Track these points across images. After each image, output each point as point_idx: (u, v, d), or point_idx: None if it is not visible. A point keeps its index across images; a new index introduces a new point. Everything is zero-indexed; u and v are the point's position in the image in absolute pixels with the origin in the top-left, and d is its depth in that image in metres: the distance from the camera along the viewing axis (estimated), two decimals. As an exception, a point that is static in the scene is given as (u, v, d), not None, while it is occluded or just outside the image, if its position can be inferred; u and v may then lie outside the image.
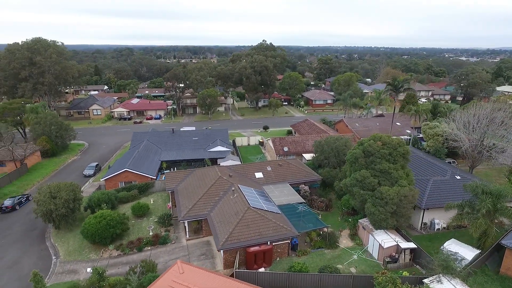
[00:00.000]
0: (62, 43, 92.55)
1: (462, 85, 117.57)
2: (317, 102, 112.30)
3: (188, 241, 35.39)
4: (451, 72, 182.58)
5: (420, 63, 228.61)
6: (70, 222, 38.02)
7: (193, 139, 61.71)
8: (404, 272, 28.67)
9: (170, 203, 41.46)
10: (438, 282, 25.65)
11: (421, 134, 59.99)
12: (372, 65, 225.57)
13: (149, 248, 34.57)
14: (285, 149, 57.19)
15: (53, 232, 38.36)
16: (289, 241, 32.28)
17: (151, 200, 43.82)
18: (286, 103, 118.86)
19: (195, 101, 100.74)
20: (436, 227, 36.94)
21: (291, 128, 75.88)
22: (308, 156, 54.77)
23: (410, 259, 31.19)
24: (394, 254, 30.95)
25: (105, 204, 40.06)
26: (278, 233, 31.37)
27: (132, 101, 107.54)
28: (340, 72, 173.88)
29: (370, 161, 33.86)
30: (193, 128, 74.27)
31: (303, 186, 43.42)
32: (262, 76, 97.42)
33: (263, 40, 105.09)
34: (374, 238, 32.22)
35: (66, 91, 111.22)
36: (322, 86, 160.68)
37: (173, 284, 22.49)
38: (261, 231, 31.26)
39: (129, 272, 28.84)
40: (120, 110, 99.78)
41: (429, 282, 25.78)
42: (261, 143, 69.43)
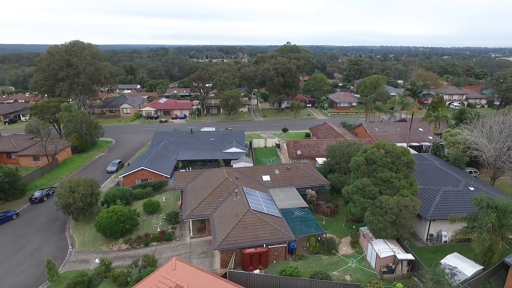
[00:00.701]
0: (96, 46, 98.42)
1: (500, 89, 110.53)
2: (342, 105, 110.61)
3: (192, 239, 36.98)
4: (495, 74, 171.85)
5: (459, 64, 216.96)
6: (88, 215, 40.99)
7: (210, 140, 63.59)
8: (398, 284, 28.29)
9: (180, 202, 43.35)
10: (430, 296, 25.16)
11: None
12: (406, 66, 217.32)
13: (155, 244, 36.56)
14: (298, 153, 57.41)
15: (72, 224, 41.57)
16: (286, 245, 32.85)
17: (163, 198, 46.03)
18: (310, 105, 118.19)
19: (219, 102, 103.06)
20: (443, 240, 35.82)
21: (309, 131, 75.71)
22: (321, 160, 54.67)
23: (408, 271, 30.61)
24: (391, 265, 30.55)
25: (120, 200, 42.69)
26: (275, 237, 32.06)
27: (160, 101, 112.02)
28: (370, 74, 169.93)
29: (372, 169, 33.54)
30: (213, 129, 76.27)
31: (310, 191, 43.61)
32: (285, 78, 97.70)
33: (287, 42, 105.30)
34: (372, 247, 31.97)
35: (101, 90, 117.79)
36: (351, 88, 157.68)
37: (163, 280, 23.99)
38: (258, 234, 32.10)
39: (131, 265, 30.93)
40: (148, 109, 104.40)
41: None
42: (278, 146, 69.97)
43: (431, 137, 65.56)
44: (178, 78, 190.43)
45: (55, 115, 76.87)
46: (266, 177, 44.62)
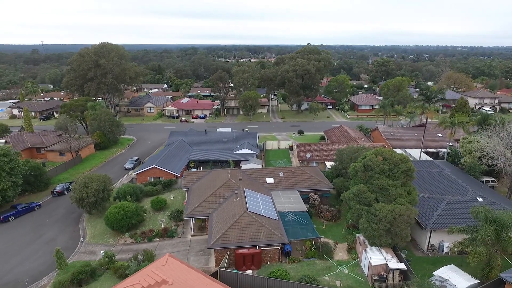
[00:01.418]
0: (123, 47, 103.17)
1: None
2: (363, 107, 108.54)
3: (192, 237, 38.49)
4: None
5: (497, 65, 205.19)
6: (100, 210, 43.66)
7: (223, 140, 65.08)
8: (387, 293, 28.11)
9: (186, 200, 45.05)
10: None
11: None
12: (438, 67, 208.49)
13: (158, 240, 38.41)
14: (308, 156, 57.50)
15: (86, 217, 44.45)
16: (280, 247, 33.44)
17: (172, 196, 47.99)
18: (331, 107, 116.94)
19: (237, 103, 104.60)
20: (445, 251, 34.92)
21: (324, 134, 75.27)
22: (330, 164, 54.48)
23: (400, 280, 30.24)
24: (383, 273, 30.32)
25: (130, 196, 45.12)
26: (268, 239, 32.78)
27: (182, 100, 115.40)
28: (397, 75, 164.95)
29: (370, 176, 33.35)
30: (229, 129, 77.73)
31: (313, 195, 43.82)
32: (304, 80, 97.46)
33: (308, 43, 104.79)
34: (366, 254, 31.85)
35: (127, 89, 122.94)
36: (376, 90, 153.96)
37: (151, 274, 25.48)
38: (252, 235, 32.95)
39: (131, 259, 32.87)
40: (170, 109, 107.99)
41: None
42: (291, 148, 70.24)
43: (451, 144, 63.20)
44: (204, 78, 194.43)
45: (82, 113, 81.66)
46: (270, 180, 45.31)
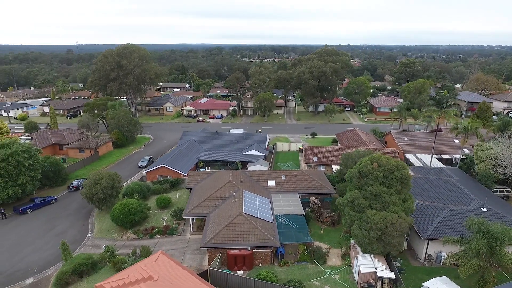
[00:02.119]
0: (145, 48, 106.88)
1: None
2: (381, 110, 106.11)
3: (191, 236, 39.74)
4: None
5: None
6: (109, 206, 45.84)
7: (233, 142, 66.15)
8: (373, 301, 27.93)
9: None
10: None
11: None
12: (469, 69, 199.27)
13: (159, 237, 39.97)
14: (315, 159, 57.36)
15: (96, 212, 46.91)
16: (272, 250, 33.92)
17: (177, 195, 49.60)
18: (349, 109, 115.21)
19: (252, 103, 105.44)
20: (443, 261, 34.00)
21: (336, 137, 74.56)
22: (336, 169, 54.09)
23: (390, 289, 29.90)
24: (371, 281, 30.09)
25: (137, 194, 47.14)
26: (260, 241, 33.37)
27: (201, 100, 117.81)
28: (423, 77, 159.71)
29: (364, 183, 33.10)
30: (242, 131, 78.70)
31: (314, 199, 43.84)
32: (320, 82, 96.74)
33: (326, 45, 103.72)
34: (357, 261, 31.72)
35: (149, 89, 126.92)
36: (400, 92, 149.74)
37: (139, 270, 26.82)
38: (245, 237, 33.67)
39: (129, 254, 34.54)
40: (188, 109, 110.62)
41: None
42: (301, 150, 70.14)
43: (467, 150, 60.81)
44: (225, 78, 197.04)
45: (104, 112, 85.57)
46: (272, 182, 45.78)
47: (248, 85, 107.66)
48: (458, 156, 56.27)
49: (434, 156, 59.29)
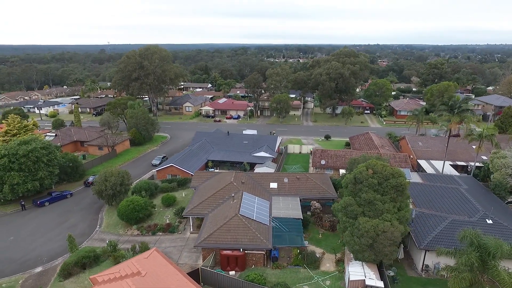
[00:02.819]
0: (166, 50, 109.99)
1: None
2: (402, 113, 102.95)
3: (191, 234, 40.85)
4: None
5: None
6: (118, 202, 47.92)
7: (243, 143, 66.90)
8: (359, 309, 27.67)
9: (194, 199, 47.66)
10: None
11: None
12: (505, 70, 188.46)
13: (160, 234, 41.41)
14: (323, 162, 56.97)
15: (106, 208, 49.24)
16: (265, 252, 34.31)
17: (183, 194, 51.03)
18: (368, 111, 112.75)
19: (268, 104, 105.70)
20: (441, 273, 32.97)
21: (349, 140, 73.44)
22: (342, 173, 53.49)
23: (378, 298, 29.42)
24: (360, 289, 29.76)
25: (145, 192, 49.00)
26: (253, 243, 33.85)
27: (219, 101, 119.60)
28: (452, 79, 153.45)
29: (358, 189, 32.74)
30: (255, 132, 79.23)
31: (315, 203, 43.66)
32: (338, 83, 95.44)
33: (345, 46, 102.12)
34: (347, 268, 31.48)
35: (171, 88, 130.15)
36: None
37: (130, 265, 28.18)
38: (238, 238, 34.28)
39: (129, 250, 36.17)
40: (207, 109, 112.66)
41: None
42: (312, 153, 69.72)
43: (485, 157, 58.04)
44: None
45: (124, 111, 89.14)
46: (274, 185, 46.04)
47: (265, 86, 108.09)
48: (473, 164, 53.83)
49: (449, 163, 57.15)
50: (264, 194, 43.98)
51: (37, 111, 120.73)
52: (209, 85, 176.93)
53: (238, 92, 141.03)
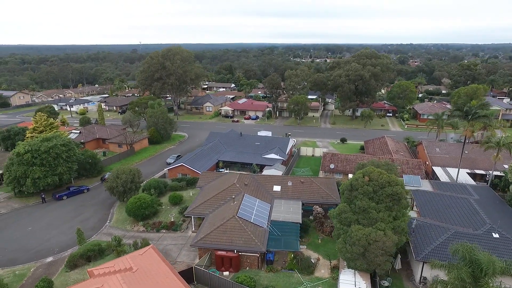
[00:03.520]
0: (188, 51, 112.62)
1: None
2: (426, 117, 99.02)
3: (192, 233, 41.89)
4: None
5: None
6: (128, 198, 50.12)
7: (255, 144, 67.38)
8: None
9: (200, 199, 48.81)
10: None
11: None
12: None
13: (164, 231, 42.87)
14: (332, 166, 56.29)
15: (118, 204, 51.54)
16: (259, 255, 34.66)
17: (191, 193, 52.35)
18: (391, 114, 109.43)
19: (286, 106, 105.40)
20: (434, 286, 31.77)
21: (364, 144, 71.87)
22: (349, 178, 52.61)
23: (368, 308, 28.96)
24: (350, 298, 29.40)
25: (154, 190, 50.82)
26: (247, 245, 34.32)
27: (239, 101, 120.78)
28: (487, 81, 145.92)
29: (354, 196, 32.31)
30: (270, 133, 79.37)
31: (317, 207, 43.40)
32: (357, 85, 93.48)
33: (366, 48, 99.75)
34: (339, 276, 31.20)
35: (194, 88, 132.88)
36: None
37: (124, 260, 29.58)
38: (233, 239, 34.89)
39: (131, 245, 37.82)
40: (226, 109, 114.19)
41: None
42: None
43: (506, 166, 54.81)
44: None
45: (145, 110, 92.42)
46: (277, 188, 46.21)
47: (284, 87, 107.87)
48: (491, 173, 51.07)
49: (466, 171, 54.59)
50: (266, 197, 44.28)
51: (69, 109, 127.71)
52: (233, 85, 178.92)
53: (260, 93, 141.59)
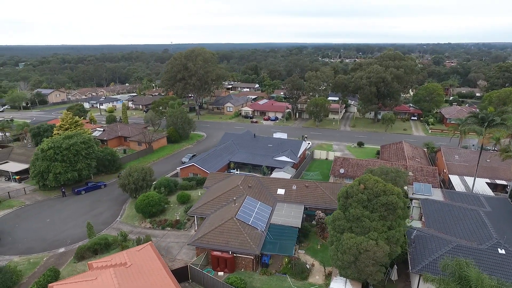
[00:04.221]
0: (211, 52, 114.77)
1: None
2: (452, 121, 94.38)
3: (195, 232, 43.04)
4: None
5: None
6: (139, 195, 52.23)
7: (268, 146, 67.65)
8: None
9: (206, 198, 49.93)
10: None
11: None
12: None
13: (169, 229, 44.34)
14: (341, 171, 55.44)
15: (130, 200, 53.85)
16: (254, 257, 35.06)
17: (199, 193, 53.61)
18: (415, 118, 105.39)
19: (305, 108, 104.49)
20: (429, 300, 30.70)
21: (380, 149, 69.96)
22: (360, 183, 51.55)
23: (356, 319, 28.52)
24: (338, 306, 29.11)
25: (164, 188, 52.62)
26: (241, 247, 34.83)
27: (260, 102, 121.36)
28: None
29: (348, 204, 31.85)
30: (285, 136, 79.21)
31: (319, 212, 43.08)
32: (380, 88, 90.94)
33: (390, 49, 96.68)
34: (330, 284, 30.94)
35: (217, 88, 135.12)
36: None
37: (121, 256, 31.13)
38: (229, 241, 35.53)
39: (134, 241, 39.54)
40: (246, 109, 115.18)
41: None
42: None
43: (531, 177, 51.39)
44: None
45: (165, 110, 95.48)
46: (281, 191, 46.29)
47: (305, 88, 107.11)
48: (511, 183, 48.15)
49: (486, 181, 51.76)
50: (269, 200, 44.54)
51: (98, 107, 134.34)
52: (257, 85, 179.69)
53: (282, 94, 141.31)
